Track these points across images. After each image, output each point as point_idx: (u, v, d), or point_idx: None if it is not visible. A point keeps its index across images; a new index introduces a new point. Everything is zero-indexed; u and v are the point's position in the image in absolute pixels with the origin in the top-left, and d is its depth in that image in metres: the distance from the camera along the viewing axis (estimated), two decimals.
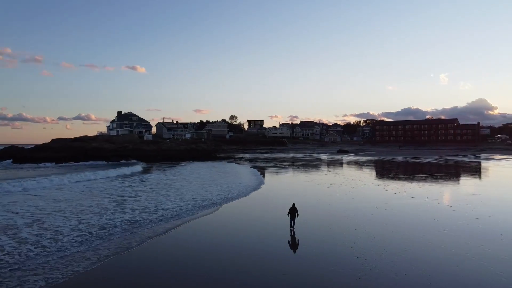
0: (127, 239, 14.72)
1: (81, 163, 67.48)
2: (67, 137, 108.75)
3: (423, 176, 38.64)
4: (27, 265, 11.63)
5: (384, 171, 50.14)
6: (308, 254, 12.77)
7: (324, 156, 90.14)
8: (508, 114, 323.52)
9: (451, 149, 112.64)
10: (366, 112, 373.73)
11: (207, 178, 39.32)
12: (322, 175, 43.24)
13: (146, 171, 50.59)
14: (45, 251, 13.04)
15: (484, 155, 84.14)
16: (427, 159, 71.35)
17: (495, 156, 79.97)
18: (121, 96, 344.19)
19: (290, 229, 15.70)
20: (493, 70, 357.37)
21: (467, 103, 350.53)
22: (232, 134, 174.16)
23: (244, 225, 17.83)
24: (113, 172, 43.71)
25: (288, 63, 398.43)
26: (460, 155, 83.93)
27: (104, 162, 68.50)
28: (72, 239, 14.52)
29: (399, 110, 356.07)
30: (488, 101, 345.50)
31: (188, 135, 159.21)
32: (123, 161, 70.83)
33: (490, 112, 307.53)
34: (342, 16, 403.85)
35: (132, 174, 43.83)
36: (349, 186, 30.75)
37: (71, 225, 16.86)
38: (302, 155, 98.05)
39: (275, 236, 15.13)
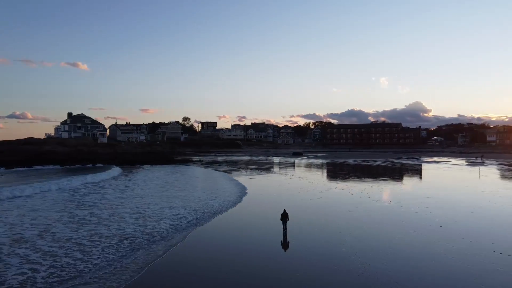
0: (154, 249, 15.58)
1: (35, 167, 64.60)
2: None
3: (380, 180, 42.18)
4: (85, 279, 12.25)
5: (344, 174, 53.49)
6: (307, 255, 14.57)
7: (281, 159, 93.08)
8: (440, 116, 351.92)
9: (396, 152, 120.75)
10: (312, 113, 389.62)
11: (182, 183, 40.10)
12: (287, 179, 45.44)
13: (117, 177, 49.42)
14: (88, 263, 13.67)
15: (426, 158, 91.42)
16: (378, 162, 76.49)
17: (436, 159, 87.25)
18: (61, 94, 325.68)
19: (284, 231, 17.53)
20: (428, 76, 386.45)
21: (405, 106, 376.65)
22: (187, 136, 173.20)
23: (249, 228, 19.32)
24: (88, 178, 42.49)
25: (234, 63, 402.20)
26: (406, 158, 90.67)
27: (58, 167, 66.12)
28: (103, 251, 15.16)
29: (344, 111, 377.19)
30: (424, 104, 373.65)
31: (142, 138, 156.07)
32: (79, 165, 68.88)
33: (425, 114, 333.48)
34: (287, 18, 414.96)
35: (104, 181, 42.93)
36: (317, 191, 33.14)
37: (83, 236, 17.36)
38: (259, 157, 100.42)
39: (271, 239, 16.83)
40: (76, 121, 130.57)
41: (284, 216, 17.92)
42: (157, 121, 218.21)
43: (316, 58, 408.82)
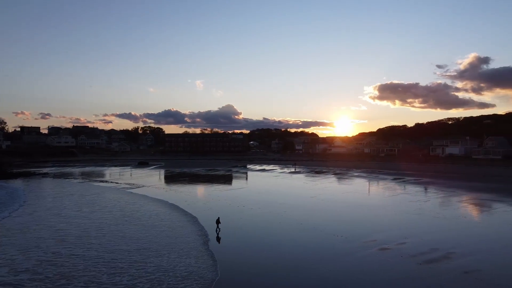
0: None
1: None
2: None
3: (238, 187, 55.36)
4: None
5: (208, 185, 64.87)
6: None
7: (134, 170, 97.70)
8: (249, 118, 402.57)
9: (230, 160, 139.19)
10: (128, 113, 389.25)
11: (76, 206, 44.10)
12: (164, 191, 53.80)
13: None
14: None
15: (257, 166, 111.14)
16: (222, 171, 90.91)
17: (265, 167, 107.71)
18: None
19: (217, 230, 28.30)
20: (238, 81, 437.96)
21: (219, 108, 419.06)
22: (9, 144, 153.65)
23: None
24: None
25: (31, 52, 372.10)
26: (242, 167, 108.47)
27: None
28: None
29: (161, 111, 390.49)
30: (235, 107, 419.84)
31: None
32: None
33: (236, 116, 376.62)
34: (102, 13, 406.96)
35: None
36: (204, 202, 43.66)
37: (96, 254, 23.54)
38: (105, 167, 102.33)
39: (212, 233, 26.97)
40: None
41: (217, 221, 28.78)
42: None
43: (133, 56, 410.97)
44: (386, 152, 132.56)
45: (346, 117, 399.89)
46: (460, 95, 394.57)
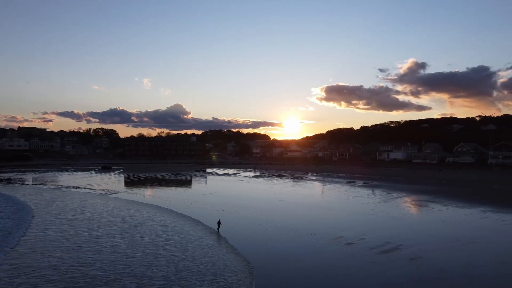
0: None
1: None
2: None
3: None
4: None
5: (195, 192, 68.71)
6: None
7: (100, 175, 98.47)
8: (198, 118, 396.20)
9: (192, 164, 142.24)
10: (70, 111, 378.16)
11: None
12: (142, 196, 57.16)
13: None
14: None
15: (220, 170, 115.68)
16: (187, 176, 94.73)
17: (228, 171, 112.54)
18: None
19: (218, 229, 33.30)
20: (187, 80, 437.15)
21: (167, 107, 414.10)
22: None
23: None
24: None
25: None
26: (208, 172, 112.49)
27: None
28: None
29: (106, 110, 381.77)
30: (184, 106, 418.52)
31: None
32: None
33: (185, 116, 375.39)
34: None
35: None
36: (186, 206, 48.00)
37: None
38: (68, 173, 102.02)
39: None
40: None
41: (219, 222, 33.91)
42: None
43: (75, 51, 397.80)
44: (338, 156, 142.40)
45: (294, 117, 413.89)
46: (400, 97, 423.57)
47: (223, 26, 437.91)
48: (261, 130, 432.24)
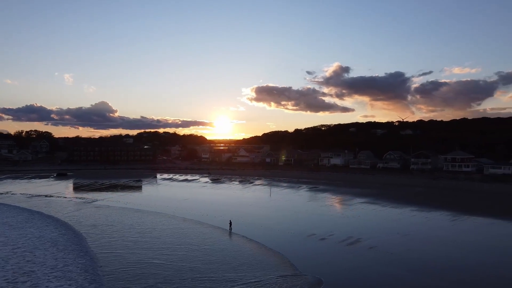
0: None
1: None
2: None
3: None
4: None
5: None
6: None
7: (62, 183, 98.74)
8: (126, 117, 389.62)
9: (146, 169, 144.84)
10: None
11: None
12: (124, 203, 62.03)
13: None
14: None
15: (179, 176, 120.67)
16: (153, 182, 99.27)
17: (188, 177, 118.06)
18: None
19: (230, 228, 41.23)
20: (113, 77, 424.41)
21: (91, 105, 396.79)
22: None
23: None
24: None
25: None
26: (168, 179, 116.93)
27: None
28: None
29: (21, 106, 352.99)
30: (110, 104, 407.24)
31: None
32: None
33: (111, 114, 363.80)
34: None
35: None
36: (174, 208, 54.47)
37: None
38: (26, 180, 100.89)
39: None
40: None
41: (230, 223, 41.86)
42: None
43: None
44: (284, 162, 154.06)
45: (225, 117, 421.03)
46: (327, 99, 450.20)
47: (151, 22, 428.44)
48: (191, 130, 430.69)
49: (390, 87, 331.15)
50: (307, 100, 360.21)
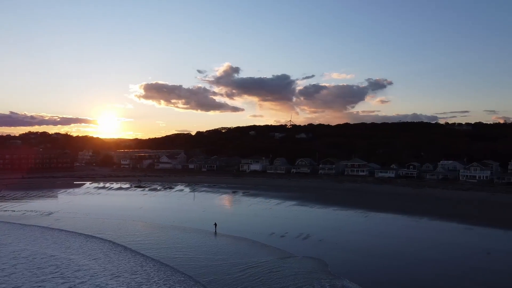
0: None
1: None
2: None
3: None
4: None
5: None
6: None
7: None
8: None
9: (70, 176, 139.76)
10: None
11: None
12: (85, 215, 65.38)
13: None
14: None
15: (110, 184, 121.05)
16: (91, 191, 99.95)
17: (121, 185, 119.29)
18: None
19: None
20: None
21: None
22: None
23: None
24: None
25: None
26: (102, 188, 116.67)
27: None
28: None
29: None
30: None
31: None
32: None
33: None
34: None
35: None
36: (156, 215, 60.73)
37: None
38: None
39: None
40: None
41: (215, 225, 51.08)
42: None
43: None
44: (207, 168, 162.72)
45: (111, 114, 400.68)
46: (217, 98, 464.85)
47: (28, 7, 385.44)
48: (72, 127, 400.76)
49: (277, 88, 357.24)
50: (198, 99, 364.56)
